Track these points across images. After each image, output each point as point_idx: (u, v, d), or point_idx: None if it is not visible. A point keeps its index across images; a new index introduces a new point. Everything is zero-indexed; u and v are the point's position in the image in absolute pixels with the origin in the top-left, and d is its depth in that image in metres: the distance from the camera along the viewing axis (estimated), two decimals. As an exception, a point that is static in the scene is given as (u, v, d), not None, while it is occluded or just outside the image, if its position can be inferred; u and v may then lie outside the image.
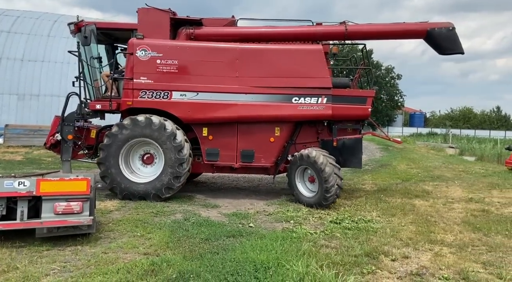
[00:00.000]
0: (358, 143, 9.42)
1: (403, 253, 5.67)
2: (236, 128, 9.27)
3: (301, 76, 8.96)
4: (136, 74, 8.95)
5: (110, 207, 7.62)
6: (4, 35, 23.77)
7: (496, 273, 4.97)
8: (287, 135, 9.37)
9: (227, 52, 9.10)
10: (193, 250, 5.23)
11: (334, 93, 8.92)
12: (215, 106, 8.97)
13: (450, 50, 9.56)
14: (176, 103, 8.97)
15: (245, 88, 8.97)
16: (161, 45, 9.04)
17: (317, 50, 9.08)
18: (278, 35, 9.70)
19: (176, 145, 8.55)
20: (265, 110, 8.99)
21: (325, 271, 4.54)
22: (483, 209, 8.68)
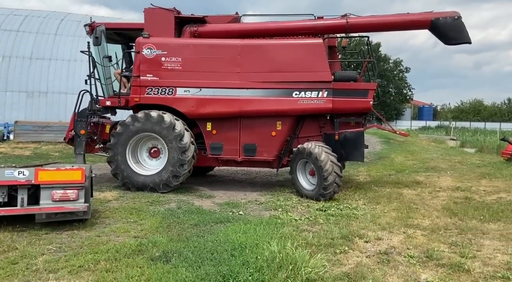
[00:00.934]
0: (360, 136, 9.39)
1: (377, 235, 6.04)
2: (239, 123, 9.49)
3: (301, 70, 9.07)
4: (143, 71, 9.35)
5: (109, 197, 8.08)
6: (13, 34, 24.37)
7: (459, 252, 5.32)
8: (288, 129, 9.50)
9: (228, 48, 9.33)
10: (180, 234, 5.66)
11: (335, 86, 8.99)
12: (218, 101, 9.25)
13: (456, 40, 9.43)
14: (180, 99, 9.32)
15: (247, 83, 9.18)
16: (166, 43, 9.39)
17: (317, 44, 9.16)
18: (279, 30, 9.87)
19: (181, 146, 8.86)
20: (266, 105, 9.16)
21: (299, 250, 4.93)
22: (466, 196, 9.01)
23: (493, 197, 9.00)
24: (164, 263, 4.41)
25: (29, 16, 25.91)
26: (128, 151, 9.17)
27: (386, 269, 4.75)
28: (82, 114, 9.89)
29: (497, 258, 5.13)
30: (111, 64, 10.45)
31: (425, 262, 5.00)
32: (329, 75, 8.98)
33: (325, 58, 9.07)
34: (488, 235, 6.16)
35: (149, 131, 9.07)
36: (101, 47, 10.17)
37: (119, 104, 9.78)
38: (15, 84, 22.89)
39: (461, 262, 4.93)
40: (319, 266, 4.55)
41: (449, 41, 9.54)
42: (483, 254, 5.28)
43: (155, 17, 9.70)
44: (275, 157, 9.62)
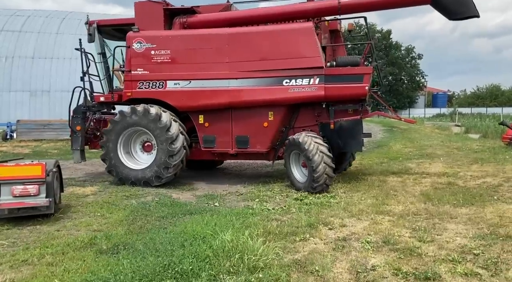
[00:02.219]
0: (357, 124, 8.92)
1: (343, 222, 6.03)
2: (231, 115, 9.29)
3: (291, 57, 8.70)
4: (134, 66, 9.39)
5: (88, 192, 8.23)
6: (16, 35, 24.80)
7: (418, 236, 5.28)
8: (281, 119, 9.17)
9: (216, 38, 9.12)
10: (143, 226, 5.74)
11: (327, 72, 8.59)
12: (207, 93, 9.09)
13: (461, 14, 8.68)
14: (170, 92, 9.27)
15: (235, 73, 8.94)
16: (154, 36, 9.36)
17: (306, 28, 8.77)
18: (269, 15, 9.53)
19: (168, 137, 8.82)
20: (256, 94, 8.88)
21: (254, 239, 4.94)
22: (450, 182, 8.91)
23: (477, 182, 8.88)
24: (110, 255, 4.49)
25: (31, 16, 26.32)
26: (120, 147, 9.28)
27: (338, 255, 4.75)
28: (77, 110, 10.05)
29: (455, 242, 5.08)
30: (103, 60, 10.57)
31: (380, 247, 4.99)
32: (320, 61, 8.57)
33: (315, 43, 8.64)
34: (455, 219, 6.11)
35: (136, 126, 9.13)
36: (96, 44, 10.35)
37: (112, 99, 9.89)
38: (18, 84, 23.35)
39: (415, 246, 4.90)
40: (269, 254, 4.58)
41: (453, 16, 8.80)
42: (442, 238, 5.24)
43: (144, 11, 9.74)
44: (269, 149, 9.35)
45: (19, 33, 24.85)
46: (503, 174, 9.55)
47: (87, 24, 10.23)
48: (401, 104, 70.05)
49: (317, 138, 8.49)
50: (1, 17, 25.86)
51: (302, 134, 8.58)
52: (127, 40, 9.49)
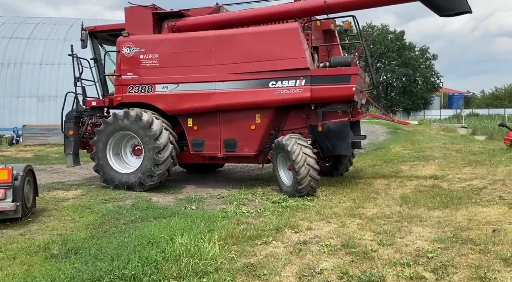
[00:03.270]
0: (344, 126, 8.66)
1: (310, 226, 6.00)
2: (219, 118, 9.23)
3: (276, 58, 8.57)
4: (124, 70, 9.48)
5: (70, 195, 8.36)
6: (24, 42, 25.36)
7: (380, 239, 5.24)
8: (269, 122, 9.05)
9: (202, 40, 9.11)
10: (107, 231, 5.81)
11: (313, 73, 8.43)
12: (195, 96, 9.07)
13: (451, 10, 8.38)
14: (159, 96, 9.31)
15: (222, 76, 8.88)
16: (143, 40, 9.42)
17: (290, 29, 8.66)
18: (254, 17, 9.45)
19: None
20: (242, 97, 8.80)
21: (212, 243, 4.97)
22: (435, 184, 8.80)
23: (463, 184, 8.75)
24: (59, 260, 4.53)
25: (40, 24, 26.88)
26: (109, 153, 9.35)
27: (292, 258, 4.74)
28: (69, 115, 10.23)
29: (414, 245, 5.03)
30: (95, 65, 10.76)
31: (337, 250, 4.96)
32: (305, 62, 8.39)
33: (300, 43, 8.46)
34: (425, 222, 6.04)
35: (122, 130, 9.19)
36: (89, 50, 10.54)
37: (103, 104, 10.06)
38: (26, 89, 23.87)
39: (372, 250, 4.87)
40: (222, 258, 4.61)
41: (444, 12, 8.52)
42: (402, 241, 5.19)
43: (134, 15, 9.84)
44: (256, 152, 9.21)
45: (28, 40, 25.42)
46: (492, 177, 9.39)
47: (84, 30, 10.44)
48: (415, 106, 69.23)
49: (301, 140, 8.31)
50: (11, 25, 26.49)
51: (287, 136, 8.44)
52: (117, 45, 9.60)
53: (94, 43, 10.80)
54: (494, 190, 8.07)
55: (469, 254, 4.65)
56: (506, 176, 9.32)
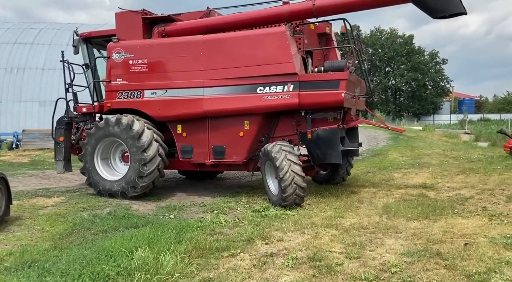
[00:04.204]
0: (333, 134, 8.33)
1: (283, 237, 5.87)
2: (207, 124, 9.06)
3: (264, 63, 8.37)
4: (113, 76, 9.41)
5: (50, 203, 8.32)
6: (28, 47, 25.60)
7: (348, 252, 5.10)
8: (258, 129, 8.80)
9: (191, 45, 8.96)
10: (73, 241, 5.72)
11: (301, 79, 8.17)
12: (182, 102, 8.92)
13: (444, 11, 8.02)
14: (148, 102, 9.18)
15: (210, 81, 8.71)
16: (132, 45, 9.33)
17: (277, 32, 8.44)
18: (244, 21, 9.23)
19: (140, 145, 8.67)
20: (230, 103, 8.61)
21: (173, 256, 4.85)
22: (422, 193, 8.62)
23: (450, 194, 8.58)
24: (11, 273, 4.44)
25: (44, 29, 27.12)
26: (97, 158, 9.27)
27: (254, 272, 4.64)
28: (60, 121, 10.24)
29: (381, 259, 4.89)
30: (86, 71, 10.76)
31: (302, 263, 4.84)
32: (293, 67, 8.13)
33: (288, 48, 8.21)
34: (400, 234, 5.89)
35: (110, 137, 9.10)
36: (80, 56, 10.55)
37: (93, 110, 10.04)
38: (28, 94, 24.05)
39: (338, 263, 4.75)
40: (180, 272, 4.51)
41: (437, 13, 8.15)
42: (371, 254, 5.06)
43: (124, 21, 9.76)
44: (245, 159, 8.96)
45: (31, 45, 25.66)
46: (482, 186, 9.20)
47: (78, 36, 10.45)
48: (424, 111, 68.60)
49: (287, 146, 8.04)
50: (16, 30, 26.77)
51: (273, 143, 8.24)
52: (108, 50, 9.55)
53: (89, 49, 10.80)
54: (480, 200, 7.89)
55: (434, 269, 4.51)
56: (497, 186, 9.12)
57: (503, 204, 7.48)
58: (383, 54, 68.12)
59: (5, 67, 24.81)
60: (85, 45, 10.67)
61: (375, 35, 71.40)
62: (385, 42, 69.01)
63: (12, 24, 28.53)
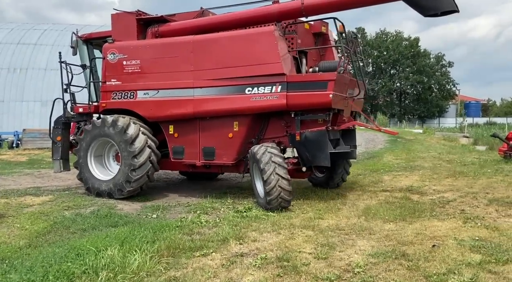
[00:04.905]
0: (321, 136, 8.17)
1: (258, 237, 5.94)
2: (198, 125, 9.05)
3: (252, 63, 8.30)
4: (108, 77, 9.49)
5: (37, 201, 8.46)
6: (31, 48, 25.90)
7: (318, 252, 5.17)
8: (247, 130, 8.73)
9: (181, 46, 8.97)
10: (49, 240, 5.84)
11: (289, 79, 8.05)
12: (173, 103, 8.95)
13: (435, 9, 7.83)
14: (140, 103, 9.23)
15: (200, 82, 8.69)
16: (126, 46, 9.39)
17: (265, 32, 8.37)
18: (234, 20, 9.18)
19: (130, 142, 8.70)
20: (219, 104, 8.57)
21: (143, 255, 4.93)
22: (405, 196, 8.64)
23: (434, 197, 8.59)
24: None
25: (48, 30, 27.42)
26: (90, 157, 9.37)
27: (220, 272, 4.71)
28: (57, 121, 10.40)
29: (348, 260, 4.96)
30: (83, 72, 10.90)
31: (269, 263, 4.91)
32: (281, 67, 8.03)
33: (275, 47, 8.09)
34: (373, 235, 5.95)
35: (102, 136, 9.18)
36: (79, 57, 10.68)
37: (89, 110, 10.17)
38: (30, 94, 24.33)
39: (304, 263, 4.83)
40: (147, 270, 4.60)
41: (428, 11, 7.96)
42: (339, 255, 5.13)
43: (119, 22, 9.86)
44: (235, 161, 8.90)
45: (35, 46, 25.97)
46: (467, 189, 9.21)
47: (78, 37, 10.58)
48: (429, 114, 68.34)
49: (273, 148, 7.92)
50: (19, 31, 27.10)
51: (259, 145, 8.16)
52: (103, 51, 9.65)
53: (90, 49, 10.88)
54: (462, 203, 7.92)
55: (396, 270, 4.58)
56: (482, 189, 9.14)
57: (483, 207, 7.51)
58: (388, 57, 67.99)
59: (8, 67, 25.13)
60: (86, 46, 10.76)
61: (380, 37, 71.26)
62: (390, 45, 68.82)
63: (16, 24, 28.88)
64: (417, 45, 69.58)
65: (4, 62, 25.69)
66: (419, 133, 27.88)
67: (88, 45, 10.84)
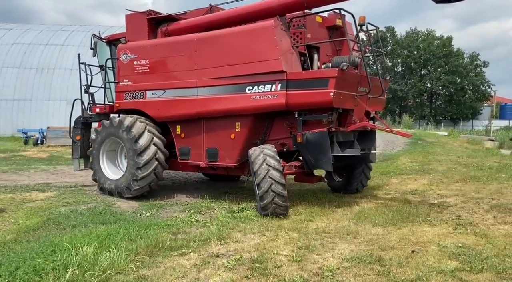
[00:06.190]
0: (322, 137, 7.63)
1: (241, 238, 5.94)
2: (202, 125, 8.86)
3: (251, 61, 7.95)
4: (121, 77, 9.59)
5: (41, 197, 8.72)
6: (58, 48, 26.70)
7: (294, 255, 5.12)
8: (249, 131, 8.40)
9: (186, 44, 8.83)
10: (36, 235, 6.00)
11: (289, 77, 7.61)
12: (178, 102, 8.87)
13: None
14: (149, 103, 9.25)
15: (203, 81, 8.51)
16: (136, 46, 9.43)
17: (264, 28, 7.95)
18: (234, 17, 8.88)
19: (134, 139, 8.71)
20: (220, 103, 8.33)
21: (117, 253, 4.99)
22: (406, 200, 8.45)
23: (435, 201, 8.38)
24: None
25: (75, 31, 28.19)
26: (102, 157, 9.53)
27: (190, 272, 4.72)
28: (77, 121, 10.70)
29: (322, 263, 4.91)
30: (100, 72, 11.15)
31: (242, 264, 4.90)
32: (279, 64, 7.60)
33: (275, 43, 7.67)
34: (357, 239, 5.87)
35: (111, 136, 9.30)
36: (97, 58, 10.94)
37: (105, 110, 10.37)
38: (57, 93, 25.07)
39: (277, 266, 4.81)
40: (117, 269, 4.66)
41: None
42: (315, 258, 5.08)
43: (132, 22, 9.92)
44: (237, 163, 8.56)
45: (62, 46, 26.75)
46: (474, 194, 8.92)
47: (100, 39, 10.83)
48: (462, 115, 66.37)
49: (269, 150, 7.55)
50: (48, 32, 27.99)
51: (257, 147, 7.84)
52: (117, 52, 9.75)
53: (112, 51, 11.04)
54: (462, 208, 7.69)
55: (366, 274, 4.50)
56: (489, 195, 8.83)
57: (481, 213, 7.26)
58: (418, 56, 66.37)
59: (36, 67, 25.99)
60: (109, 47, 10.87)
61: (410, 36, 69.70)
62: (421, 44, 67.21)
63: (46, 26, 29.85)
64: (449, 45, 67.57)
65: (33, 63, 26.61)
66: (443, 136, 27.16)
67: (111, 46, 11.02)
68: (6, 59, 26.74)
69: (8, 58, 26.74)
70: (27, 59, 26.57)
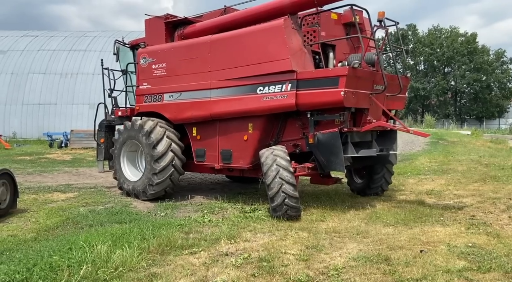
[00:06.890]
0: (334, 138, 7.43)
1: (251, 237, 6.03)
2: (217, 127, 8.92)
3: (261, 61, 7.91)
4: (141, 81, 9.81)
5: (62, 197, 9.01)
6: (81, 54, 27.35)
7: (303, 254, 5.17)
8: (261, 132, 8.37)
9: (200, 46, 8.90)
10: (55, 234, 6.21)
11: (299, 77, 7.50)
12: (193, 105, 8.96)
13: None
14: (166, 105, 9.39)
15: (216, 82, 8.54)
16: (154, 50, 9.62)
17: (272, 27, 7.91)
18: (245, 17, 8.88)
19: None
20: (232, 105, 8.33)
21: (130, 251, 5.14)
22: (421, 200, 8.44)
23: (450, 201, 8.33)
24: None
25: (97, 37, 28.80)
26: (123, 159, 9.72)
27: (198, 270, 4.82)
28: (101, 124, 11.02)
29: (329, 262, 4.96)
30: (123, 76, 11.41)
31: (249, 263, 4.98)
32: (289, 64, 7.50)
33: (284, 43, 7.57)
34: (367, 239, 5.88)
35: (130, 139, 9.47)
36: (119, 63, 11.16)
37: (126, 114, 10.61)
38: (80, 97, 25.69)
39: (284, 264, 4.87)
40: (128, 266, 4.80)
41: None
42: (322, 258, 5.12)
43: (151, 27, 10.13)
44: (250, 164, 8.50)
45: (84, 52, 27.40)
46: (491, 194, 8.80)
47: (125, 44, 11.03)
48: (488, 114, 64.88)
49: (279, 150, 7.48)
50: (72, 38, 28.71)
51: (269, 148, 7.77)
52: (137, 56, 9.96)
53: (135, 55, 11.29)
54: (477, 208, 7.60)
55: (371, 273, 4.53)
56: (507, 195, 8.69)
57: (497, 213, 7.17)
58: (441, 54, 65.21)
59: (60, 73, 26.68)
60: (132, 52, 10.98)
61: (433, 34, 68.54)
62: (445, 41, 66.02)
63: (70, 32, 30.61)
64: (474, 41, 66.10)
65: (57, 68, 27.32)
66: (466, 136, 26.67)
67: (134, 51, 11.26)
68: (32, 65, 27.56)
69: (34, 64, 27.55)
70: (51, 65, 27.32)
